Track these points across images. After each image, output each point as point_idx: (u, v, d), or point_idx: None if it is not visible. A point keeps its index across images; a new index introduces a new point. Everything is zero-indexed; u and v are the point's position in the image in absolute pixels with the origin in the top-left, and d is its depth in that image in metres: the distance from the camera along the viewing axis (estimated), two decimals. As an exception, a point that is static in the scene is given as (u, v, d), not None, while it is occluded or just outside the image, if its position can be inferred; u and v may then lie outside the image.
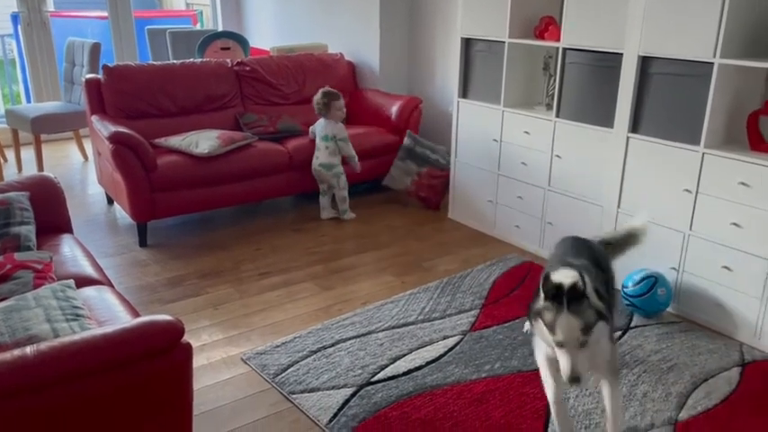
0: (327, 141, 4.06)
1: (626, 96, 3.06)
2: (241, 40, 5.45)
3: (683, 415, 2.28)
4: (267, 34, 6.12)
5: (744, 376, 2.52)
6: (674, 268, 3.00)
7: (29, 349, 1.45)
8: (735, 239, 2.75)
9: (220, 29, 6.34)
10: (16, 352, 1.44)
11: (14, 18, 6.91)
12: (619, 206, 3.20)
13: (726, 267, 2.80)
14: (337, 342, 2.70)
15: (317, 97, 4.08)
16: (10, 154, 5.33)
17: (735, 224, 2.74)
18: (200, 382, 2.42)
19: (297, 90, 4.69)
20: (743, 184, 2.69)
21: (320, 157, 4.07)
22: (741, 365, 2.59)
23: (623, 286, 2.99)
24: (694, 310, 2.95)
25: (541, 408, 2.30)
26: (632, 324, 2.89)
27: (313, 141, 4.19)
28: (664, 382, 2.46)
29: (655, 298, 2.89)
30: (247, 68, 4.51)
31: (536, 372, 2.50)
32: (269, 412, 2.30)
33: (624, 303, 2.98)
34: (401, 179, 4.39)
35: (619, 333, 2.81)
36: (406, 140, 4.40)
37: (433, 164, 4.35)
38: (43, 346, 1.46)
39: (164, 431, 1.67)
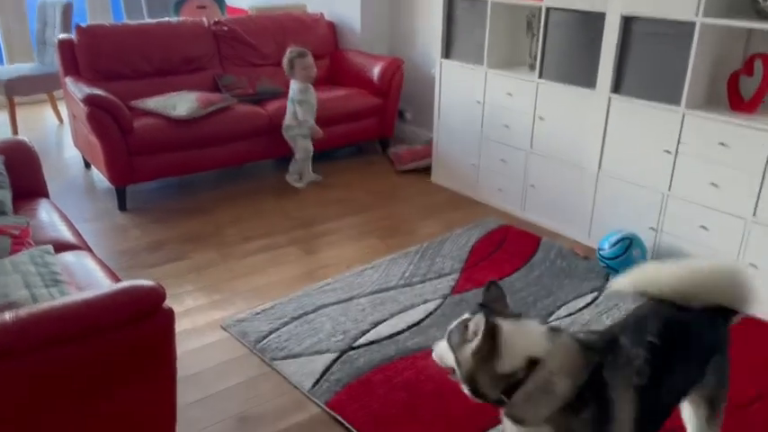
0: (290, 103, 3.93)
1: (608, 56, 3.04)
2: (218, -1, 5.31)
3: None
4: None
5: (718, 333, 2.58)
6: (652, 228, 3.04)
7: (8, 315, 1.43)
8: (712, 199, 2.79)
9: (197, -13, 6.15)
10: (-5, 318, 1.43)
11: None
12: (600, 167, 3.21)
13: (703, 227, 2.84)
14: (319, 308, 2.71)
15: (284, 57, 3.94)
16: (-18, 117, 5.20)
17: (713, 184, 2.77)
18: (183, 347, 2.43)
19: (276, 51, 4.58)
20: (722, 144, 2.71)
21: (286, 119, 3.97)
22: (716, 323, 2.65)
23: (599, 248, 3.03)
24: (672, 270, 3.01)
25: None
26: (609, 285, 2.93)
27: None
28: (641, 340, 2.52)
29: (630, 259, 2.93)
30: (225, 28, 4.40)
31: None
32: (254, 375, 2.32)
33: (600, 265, 3.02)
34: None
35: (595, 293, 2.86)
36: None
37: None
38: (22, 312, 1.45)
39: (147, 396, 1.67)
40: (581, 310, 2.73)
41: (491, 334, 1.44)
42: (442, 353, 1.56)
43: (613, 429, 1.45)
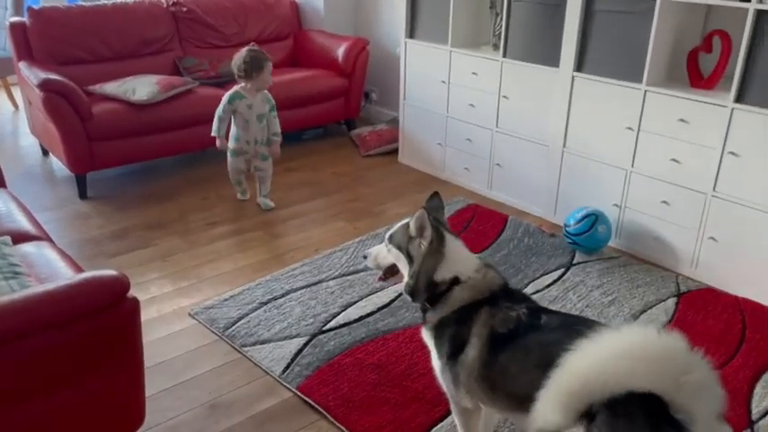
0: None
1: (571, 35, 3.06)
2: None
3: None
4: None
5: (679, 306, 2.65)
6: (615, 205, 3.09)
7: (-36, 311, 1.39)
8: (674, 175, 2.85)
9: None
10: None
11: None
12: (564, 145, 3.25)
13: (665, 202, 2.90)
14: (288, 292, 2.69)
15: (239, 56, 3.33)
16: (-69, 105, 5.00)
17: (674, 160, 2.83)
18: (151, 335, 2.39)
19: (238, 32, 4.50)
20: (682, 120, 2.76)
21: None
22: (677, 296, 2.72)
23: (565, 225, 3.07)
24: (634, 245, 3.07)
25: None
26: (574, 261, 2.98)
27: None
28: (605, 316, 2.57)
29: (595, 235, 2.98)
30: (184, 9, 4.29)
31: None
32: (223, 362, 2.31)
33: (566, 241, 3.07)
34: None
35: (562, 269, 2.91)
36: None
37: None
38: (-20, 306, 1.41)
39: (115, 386, 1.65)
40: (548, 286, 2.77)
41: (438, 233, 1.68)
42: (380, 255, 1.80)
43: (464, 357, 1.62)
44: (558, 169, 3.31)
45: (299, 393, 2.14)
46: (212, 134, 3.36)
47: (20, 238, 2.10)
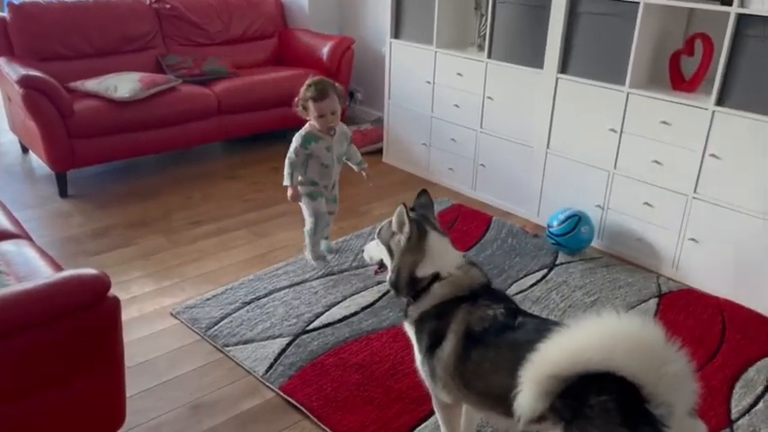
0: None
1: (555, 37, 3.08)
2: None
3: (606, 345, 2.41)
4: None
5: (660, 306, 2.68)
6: (598, 206, 3.11)
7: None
8: (656, 176, 2.88)
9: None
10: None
11: None
12: (548, 147, 3.27)
13: (647, 203, 2.93)
14: (271, 292, 2.68)
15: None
16: None
17: (656, 162, 2.86)
18: (132, 335, 2.37)
19: (222, 30, 4.47)
20: (664, 122, 2.79)
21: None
22: (658, 296, 2.75)
23: (548, 225, 3.09)
24: (617, 246, 3.10)
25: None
26: (557, 261, 3.00)
27: (246, 87, 4.04)
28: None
29: (578, 236, 3.00)
30: (168, 6, 4.25)
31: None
32: (206, 361, 2.29)
33: (549, 242, 3.09)
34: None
35: (545, 270, 2.92)
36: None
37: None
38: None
39: (95, 386, 1.63)
40: (531, 287, 2.79)
41: (418, 226, 1.70)
42: (372, 249, 1.85)
43: (440, 352, 1.64)
44: (541, 170, 3.32)
45: (281, 394, 2.13)
46: (284, 184, 2.72)
47: (-2, 236, 2.06)
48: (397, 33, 3.88)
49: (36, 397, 1.51)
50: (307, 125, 2.75)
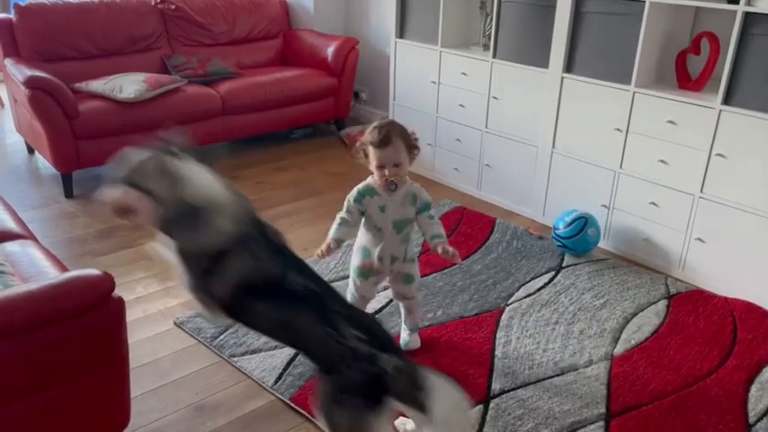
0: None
1: (561, 36, 3.06)
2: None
3: (619, 349, 2.39)
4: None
5: (670, 308, 2.66)
6: (604, 206, 3.10)
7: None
8: (662, 176, 2.86)
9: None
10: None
11: None
12: (554, 146, 3.25)
13: (653, 203, 2.91)
14: None
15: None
16: None
17: (662, 161, 2.84)
18: (137, 335, 2.37)
19: (227, 30, 4.48)
20: (670, 122, 2.77)
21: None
22: (667, 298, 2.73)
23: (555, 228, 3.07)
24: (623, 246, 3.08)
25: (486, 352, 2.35)
26: (564, 264, 2.98)
27: (250, 87, 4.03)
28: (598, 319, 2.57)
29: (585, 238, 2.99)
30: (173, 7, 4.26)
31: (477, 317, 2.56)
32: (210, 362, 2.29)
33: (556, 244, 3.07)
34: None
35: (552, 272, 2.90)
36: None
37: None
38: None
39: (99, 387, 1.63)
40: (539, 290, 2.77)
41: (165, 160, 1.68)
42: (114, 193, 1.78)
43: (217, 280, 1.64)
44: (546, 170, 3.31)
45: (293, 405, 2.08)
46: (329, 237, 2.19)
47: (4, 236, 2.07)
48: (401, 33, 3.87)
49: (41, 396, 1.51)
50: (369, 177, 2.22)
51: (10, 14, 3.80)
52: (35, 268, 1.89)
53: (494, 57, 3.39)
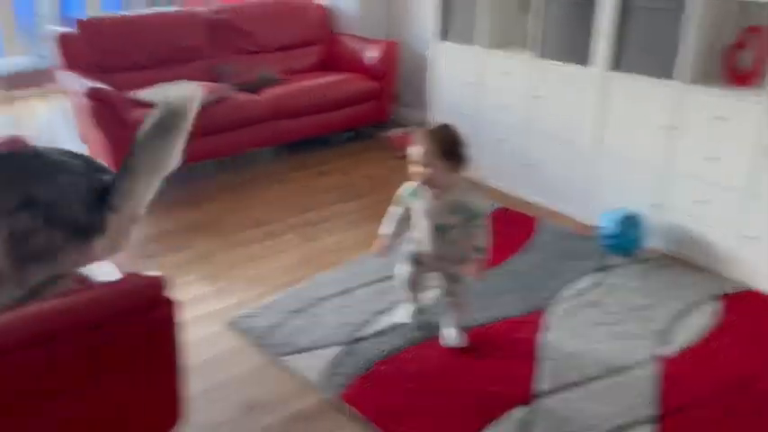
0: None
1: (605, 32, 3.03)
2: (211, -13, 5.28)
3: (668, 350, 2.35)
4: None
5: (722, 308, 2.59)
6: (652, 204, 3.04)
7: (21, 309, 1.46)
8: (711, 173, 2.79)
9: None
10: (10, 314, 1.45)
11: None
12: (598, 144, 3.21)
13: (702, 201, 2.85)
14: (320, 300, 2.67)
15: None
16: (-20, 114, 5.19)
17: (711, 158, 2.77)
18: (188, 335, 2.43)
19: (271, 38, 4.58)
20: (719, 118, 2.71)
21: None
22: (719, 298, 2.66)
23: (600, 227, 3.03)
24: (672, 246, 3.02)
25: (531, 353, 2.34)
26: (611, 263, 2.94)
27: (294, 93, 4.11)
28: (646, 319, 2.53)
29: (632, 237, 2.94)
30: (221, 17, 4.39)
31: (522, 317, 2.55)
32: (259, 362, 2.35)
33: (602, 244, 3.03)
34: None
35: (599, 273, 2.86)
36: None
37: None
38: (33, 307, 1.47)
39: (153, 386, 1.70)
40: (585, 290, 2.74)
41: None
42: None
43: None
44: (591, 169, 3.27)
45: (340, 404, 2.12)
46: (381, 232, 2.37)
47: (65, 241, 2.17)
48: (442, 35, 3.89)
49: (97, 394, 1.58)
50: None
51: (70, 28, 3.97)
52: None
53: (536, 55, 3.37)
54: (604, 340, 2.41)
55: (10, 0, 5.49)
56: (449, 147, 2.16)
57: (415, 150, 2.15)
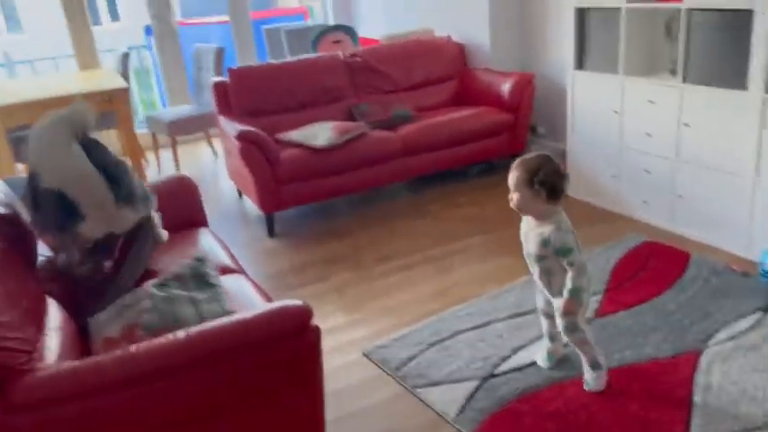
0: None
1: (760, 55, 2.80)
2: (350, 32, 5.57)
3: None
4: (375, 23, 6.21)
5: None
6: (825, 239, 2.73)
7: (180, 333, 1.61)
8: None
9: (331, 22, 6.51)
10: (170, 336, 1.61)
11: (147, 30, 7.52)
12: (757, 173, 2.95)
13: None
14: (455, 334, 2.66)
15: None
16: (150, 156, 5.83)
17: None
18: (327, 364, 2.51)
19: (407, 77, 4.74)
20: None
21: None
22: None
23: (762, 263, 2.76)
24: None
25: (683, 398, 2.18)
26: (777, 301, 2.66)
27: (428, 128, 4.22)
28: (818, 365, 2.26)
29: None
30: (358, 60, 4.62)
31: (673, 359, 2.38)
32: (393, 393, 2.38)
33: (763, 281, 2.76)
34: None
35: (760, 312, 2.61)
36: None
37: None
38: (193, 330, 1.62)
39: (297, 410, 1.78)
40: (745, 332, 2.50)
41: None
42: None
43: None
44: (749, 200, 3.01)
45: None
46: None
47: (221, 270, 2.37)
48: (579, 64, 3.80)
49: (245, 415, 1.68)
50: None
51: (224, 77, 4.39)
52: (247, 298, 2.15)
53: (683, 81, 3.19)
54: (764, 388, 2.17)
55: (182, 58, 6.17)
56: (535, 175, 2.13)
57: (509, 177, 2.19)
